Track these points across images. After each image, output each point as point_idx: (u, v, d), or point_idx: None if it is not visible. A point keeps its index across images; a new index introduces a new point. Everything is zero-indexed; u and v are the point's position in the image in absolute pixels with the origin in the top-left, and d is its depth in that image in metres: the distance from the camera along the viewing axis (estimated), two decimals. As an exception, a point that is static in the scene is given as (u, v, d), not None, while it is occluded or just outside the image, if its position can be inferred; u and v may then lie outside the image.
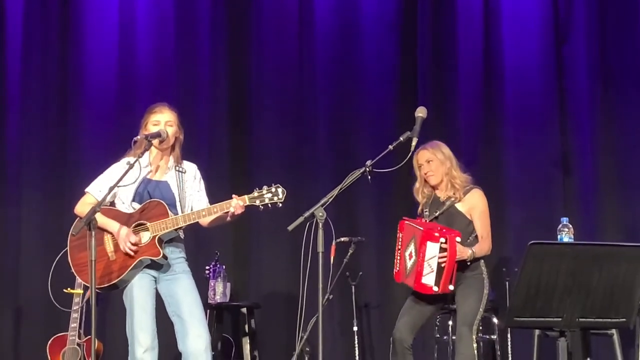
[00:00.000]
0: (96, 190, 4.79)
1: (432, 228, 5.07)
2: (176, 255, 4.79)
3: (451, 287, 5.04)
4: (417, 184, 5.40)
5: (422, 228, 5.09)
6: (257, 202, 4.68)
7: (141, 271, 4.71)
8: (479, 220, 5.23)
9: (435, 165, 5.28)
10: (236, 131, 7.14)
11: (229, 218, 4.75)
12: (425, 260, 5.00)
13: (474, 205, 5.25)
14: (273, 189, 4.69)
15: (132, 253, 4.64)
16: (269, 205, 4.70)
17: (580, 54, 6.89)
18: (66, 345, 6.21)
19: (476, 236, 5.23)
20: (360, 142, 6.98)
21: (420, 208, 5.41)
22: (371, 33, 7.13)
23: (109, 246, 4.70)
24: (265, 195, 4.68)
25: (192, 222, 4.70)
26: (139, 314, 4.67)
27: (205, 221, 4.82)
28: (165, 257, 4.69)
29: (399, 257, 5.28)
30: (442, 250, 4.99)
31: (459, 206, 5.25)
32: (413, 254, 5.11)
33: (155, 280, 4.77)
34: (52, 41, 7.16)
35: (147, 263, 4.70)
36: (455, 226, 5.16)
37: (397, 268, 5.29)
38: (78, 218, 4.70)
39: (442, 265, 4.98)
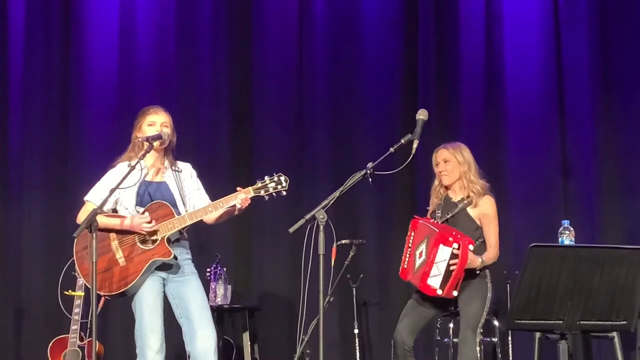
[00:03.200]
0: (96, 197, 4.72)
1: (448, 231, 5.03)
2: (184, 257, 4.75)
3: (455, 293, 5.01)
4: (435, 182, 5.37)
5: (437, 230, 5.04)
6: (262, 193, 4.66)
7: (151, 273, 4.67)
8: (489, 228, 5.20)
9: (452, 166, 5.26)
10: (237, 133, 7.14)
11: (236, 212, 4.72)
12: (434, 262, 4.98)
13: (485, 211, 5.22)
14: (276, 178, 4.68)
15: (152, 229, 4.57)
16: (274, 194, 4.69)
17: (581, 58, 6.88)
18: (67, 347, 6.21)
19: (482, 242, 5.20)
20: (361, 144, 6.97)
21: (431, 208, 5.38)
22: (372, 34, 7.12)
23: (118, 252, 4.65)
24: (269, 185, 4.67)
25: (200, 218, 4.66)
26: (149, 316, 4.62)
27: (210, 218, 4.78)
28: (175, 257, 4.66)
29: (408, 255, 5.23)
30: (453, 256, 4.96)
31: (470, 210, 5.23)
32: (423, 253, 5.09)
33: (164, 282, 4.72)
34: (54, 44, 7.15)
35: (159, 264, 4.65)
36: (459, 228, 5.13)
37: (405, 266, 5.24)
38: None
39: (451, 270, 4.96)
